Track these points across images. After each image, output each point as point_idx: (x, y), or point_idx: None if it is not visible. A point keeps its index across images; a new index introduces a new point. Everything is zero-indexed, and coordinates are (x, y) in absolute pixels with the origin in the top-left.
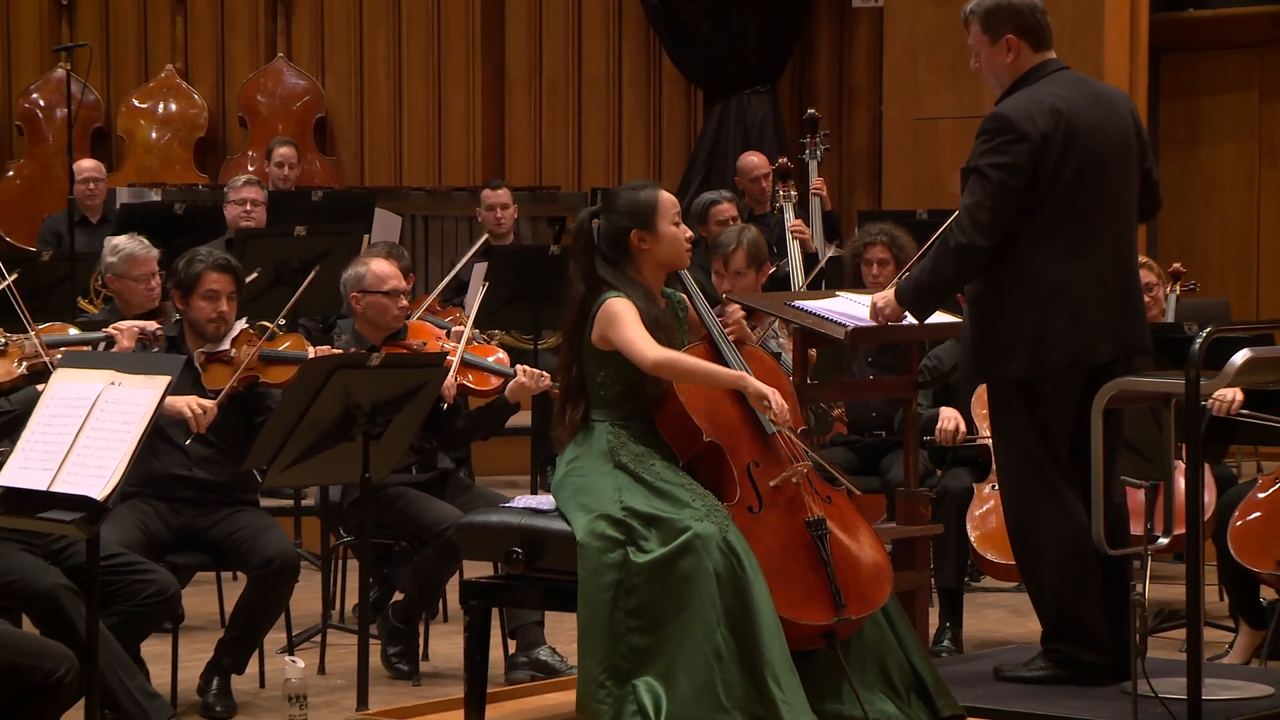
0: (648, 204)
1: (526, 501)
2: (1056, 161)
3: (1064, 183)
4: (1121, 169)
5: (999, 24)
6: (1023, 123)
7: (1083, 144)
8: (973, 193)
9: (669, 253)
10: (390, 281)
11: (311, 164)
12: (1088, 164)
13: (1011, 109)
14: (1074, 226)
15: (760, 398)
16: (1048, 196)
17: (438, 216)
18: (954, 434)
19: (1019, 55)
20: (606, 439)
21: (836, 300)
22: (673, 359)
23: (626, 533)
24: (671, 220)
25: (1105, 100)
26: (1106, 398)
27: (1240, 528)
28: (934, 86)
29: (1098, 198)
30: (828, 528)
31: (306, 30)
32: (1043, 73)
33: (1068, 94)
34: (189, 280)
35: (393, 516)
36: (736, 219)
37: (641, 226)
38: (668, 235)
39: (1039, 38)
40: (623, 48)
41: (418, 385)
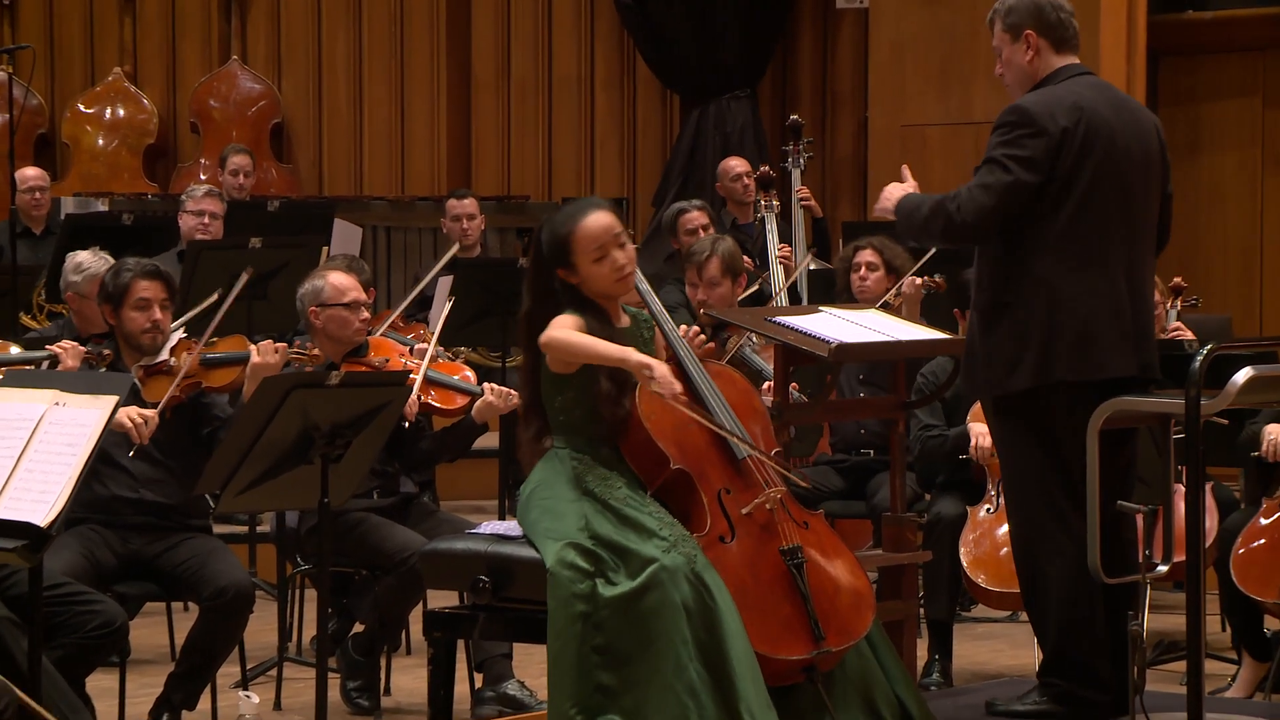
0: (563, 240)
1: (494, 528)
2: (1074, 162)
3: (1081, 186)
4: (1143, 183)
5: (1019, 19)
6: (1042, 117)
7: (1103, 147)
8: (983, 176)
9: (598, 287)
10: (350, 293)
11: (267, 172)
12: (1107, 169)
13: (1031, 102)
14: (1088, 236)
15: (642, 367)
16: (1063, 200)
17: (400, 228)
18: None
19: (1039, 55)
20: (571, 464)
21: (820, 316)
22: (561, 336)
23: (596, 563)
24: (593, 255)
25: (1130, 110)
26: (1103, 418)
27: (1244, 555)
28: (922, 91)
29: (1115, 208)
30: (804, 556)
31: (262, 31)
32: (1064, 76)
33: (1091, 95)
34: (118, 292)
35: (352, 544)
36: (709, 228)
37: (562, 265)
38: (589, 273)
39: (1061, 38)
40: (595, 49)
41: (379, 405)
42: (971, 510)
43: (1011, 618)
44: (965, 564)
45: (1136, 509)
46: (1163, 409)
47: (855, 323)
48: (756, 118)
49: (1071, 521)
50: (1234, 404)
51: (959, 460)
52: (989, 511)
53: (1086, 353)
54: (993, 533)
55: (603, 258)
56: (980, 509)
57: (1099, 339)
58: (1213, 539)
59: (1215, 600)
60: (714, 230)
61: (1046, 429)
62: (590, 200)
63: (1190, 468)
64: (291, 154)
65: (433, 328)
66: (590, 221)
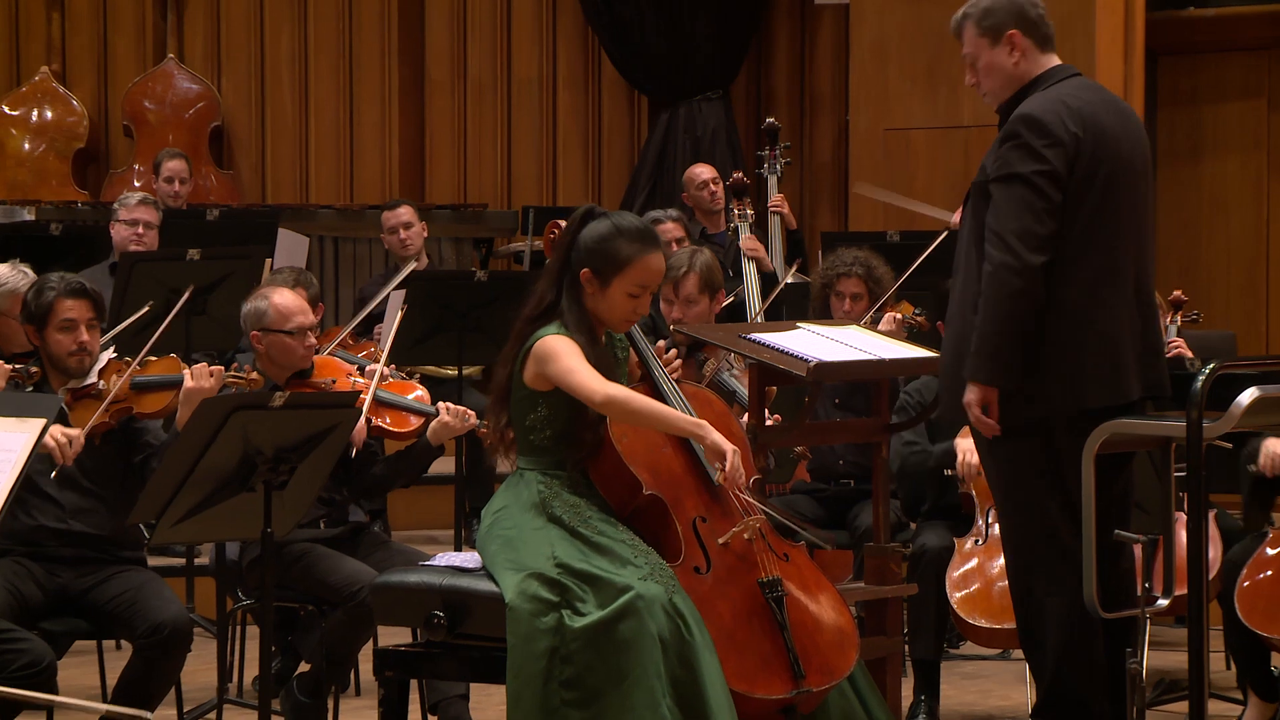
0: (619, 258)
1: (449, 559)
2: (1086, 173)
3: (1093, 198)
4: (1144, 190)
5: (999, 21)
6: (1055, 125)
7: (1109, 155)
8: (1014, 204)
9: (607, 313)
10: (296, 318)
11: (206, 178)
12: (1114, 178)
13: (1040, 109)
14: (1101, 249)
15: (719, 454)
16: (1075, 214)
17: (349, 238)
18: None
19: (1025, 56)
20: (537, 489)
21: (797, 333)
22: (626, 396)
23: (561, 594)
24: (633, 290)
25: (1125, 113)
26: (1099, 441)
27: (1249, 588)
28: (906, 93)
29: (1122, 218)
30: (784, 589)
31: (200, 28)
32: (1055, 78)
33: (1089, 99)
34: (41, 311)
35: (298, 576)
36: (684, 240)
37: (596, 273)
38: (613, 300)
39: (1044, 36)
40: (557, 47)
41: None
42: (958, 542)
43: (1002, 656)
44: (953, 599)
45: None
46: (1163, 432)
47: (835, 340)
48: (730, 121)
49: (1073, 552)
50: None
51: (943, 479)
52: (977, 543)
53: (1111, 377)
54: (983, 566)
55: (636, 296)
56: (968, 540)
57: (1121, 361)
58: (1216, 571)
59: (1219, 636)
60: (688, 243)
61: (1047, 454)
62: (657, 234)
63: (1192, 495)
64: (232, 159)
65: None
66: (655, 261)
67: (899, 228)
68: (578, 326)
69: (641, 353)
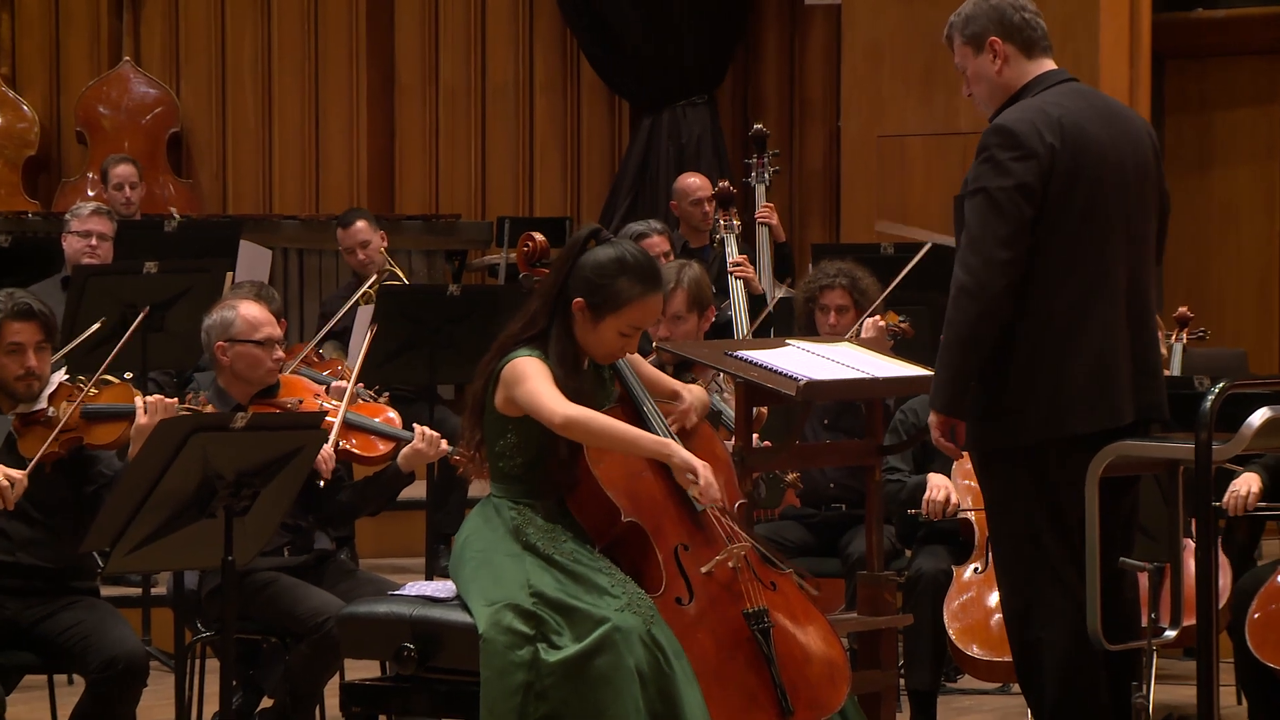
0: (616, 297)
1: (420, 588)
2: (1065, 184)
3: (1075, 210)
4: (1139, 200)
5: (979, 28)
6: (1028, 136)
7: (1093, 165)
8: (978, 221)
9: (594, 346)
10: (264, 329)
11: (164, 188)
12: (1099, 188)
13: (1013, 120)
14: (1087, 263)
15: (686, 470)
16: (1057, 226)
17: (314, 250)
18: (944, 505)
19: (1007, 63)
20: (509, 516)
21: (787, 350)
22: (587, 416)
23: (537, 626)
24: (624, 329)
25: (1120, 118)
26: (1103, 464)
27: (1260, 619)
28: (900, 98)
29: (1111, 229)
30: (771, 620)
31: (158, 29)
32: (1043, 85)
33: (1075, 106)
34: None
35: (260, 607)
36: (670, 255)
37: (590, 306)
38: (605, 336)
39: (1029, 40)
40: (534, 50)
41: (291, 451)
42: (957, 570)
43: (1002, 690)
44: (951, 631)
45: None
46: (1170, 455)
47: (826, 357)
48: (716, 127)
49: (1071, 582)
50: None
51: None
52: (976, 571)
53: (1102, 399)
54: (981, 596)
55: (626, 336)
56: (966, 568)
57: (1113, 381)
58: (1226, 601)
59: (1229, 669)
60: (674, 257)
61: (1041, 480)
62: (662, 274)
63: (1201, 520)
64: (191, 168)
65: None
66: (654, 303)
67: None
68: (560, 357)
69: (620, 371)
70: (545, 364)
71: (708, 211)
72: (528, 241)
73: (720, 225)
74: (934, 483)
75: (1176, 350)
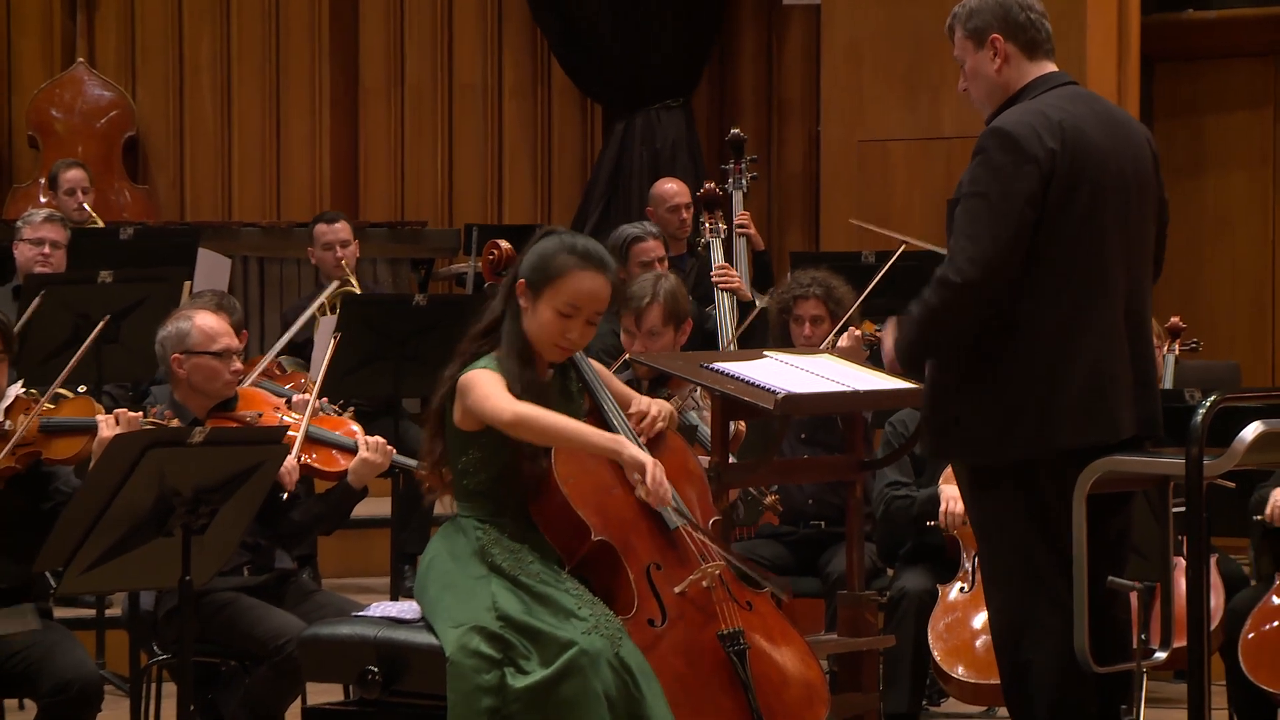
0: (548, 268)
1: (384, 609)
2: (1064, 189)
3: (1073, 217)
4: (1138, 209)
5: (982, 23)
6: (1028, 140)
7: (1093, 170)
8: (973, 221)
9: (536, 332)
10: (221, 339)
11: (120, 194)
12: (1099, 194)
13: (1013, 123)
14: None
15: (634, 468)
16: (1055, 232)
17: (275, 259)
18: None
19: (1007, 62)
20: (475, 536)
21: (764, 363)
22: (537, 413)
23: (504, 650)
24: (562, 308)
25: (1121, 125)
26: (1091, 480)
27: (1254, 640)
28: (882, 100)
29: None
30: (747, 641)
31: (112, 29)
32: (1043, 87)
33: (1075, 110)
34: None
35: (219, 628)
36: (664, 262)
37: (530, 284)
38: (544, 317)
39: (1032, 41)
40: (503, 52)
41: (251, 467)
42: (942, 589)
43: (987, 714)
44: (936, 652)
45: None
46: (1160, 470)
47: (805, 370)
48: (691, 131)
49: (1059, 599)
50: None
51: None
52: (962, 590)
53: (1095, 413)
54: (967, 616)
55: (568, 318)
56: (952, 588)
57: (1107, 395)
58: (1218, 621)
59: (1221, 692)
60: (666, 263)
61: (1033, 496)
62: (604, 258)
63: (1192, 538)
64: (148, 173)
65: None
66: (589, 280)
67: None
68: (510, 347)
69: (588, 382)
70: (500, 374)
71: (685, 219)
72: (493, 249)
73: (705, 229)
74: (949, 494)
75: (1168, 362)
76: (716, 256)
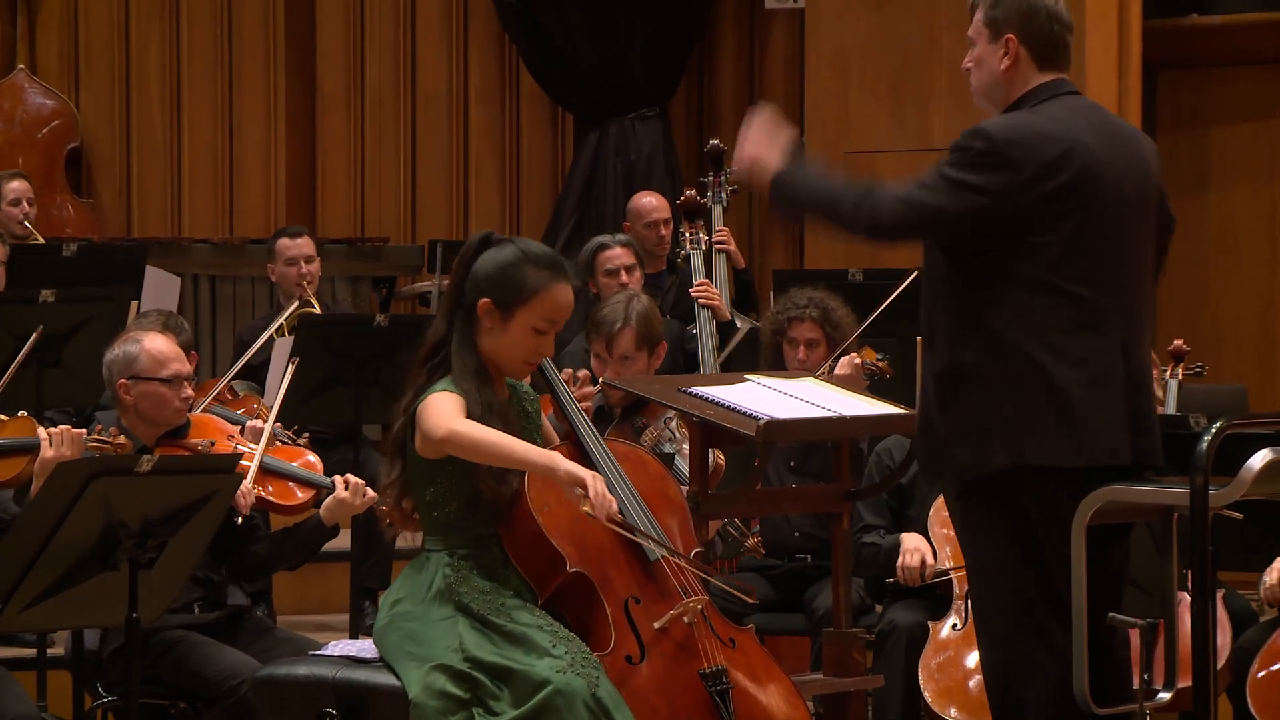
0: (522, 287)
1: (343, 648)
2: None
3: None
4: (1137, 229)
5: (1003, 16)
6: (1009, 147)
7: (1091, 190)
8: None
9: (506, 351)
10: (172, 365)
11: (63, 208)
12: (1095, 211)
13: (999, 127)
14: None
15: (573, 483)
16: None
17: (228, 277)
18: (920, 570)
19: (1016, 65)
20: (443, 573)
21: (745, 387)
22: (470, 428)
23: (472, 690)
24: (538, 324)
25: (1125, 140)
26: (1089, 512)
27: (1263, 680)
28: (869, 111)
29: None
30: (730, 680)
31: (55, 34)
32: (1043, 95)
33: (1078, 123)
34: None
35: (168, 669)
36: (633, 270)
37: (498, 304)
38: (517, 336)
39: (1048, 52)
40: (469, 58)
41: (203, 497)
42: (934, 626)
43: None
44: (927, 692)
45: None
46: (1163, 500)
47: (789, 394)
48: (668, 142)
49: (1055, 638)
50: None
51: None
52: (955, 628)
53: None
54: (960, 654)
55: (540, 334)
56: (944, 624)
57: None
58: (1225, 659)
59: None
60: (639, 274)
61: (1024, 523)
62: (567, 265)
63: (1197, 572)
64: (93, 186)
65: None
66: (563, 293)
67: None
68: (463, 368)
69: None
70: (458, 396)
71: (664, 235)
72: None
73: (686, 240)
74: (907, 546)
75: (1171, 387)
76: (698, 270)
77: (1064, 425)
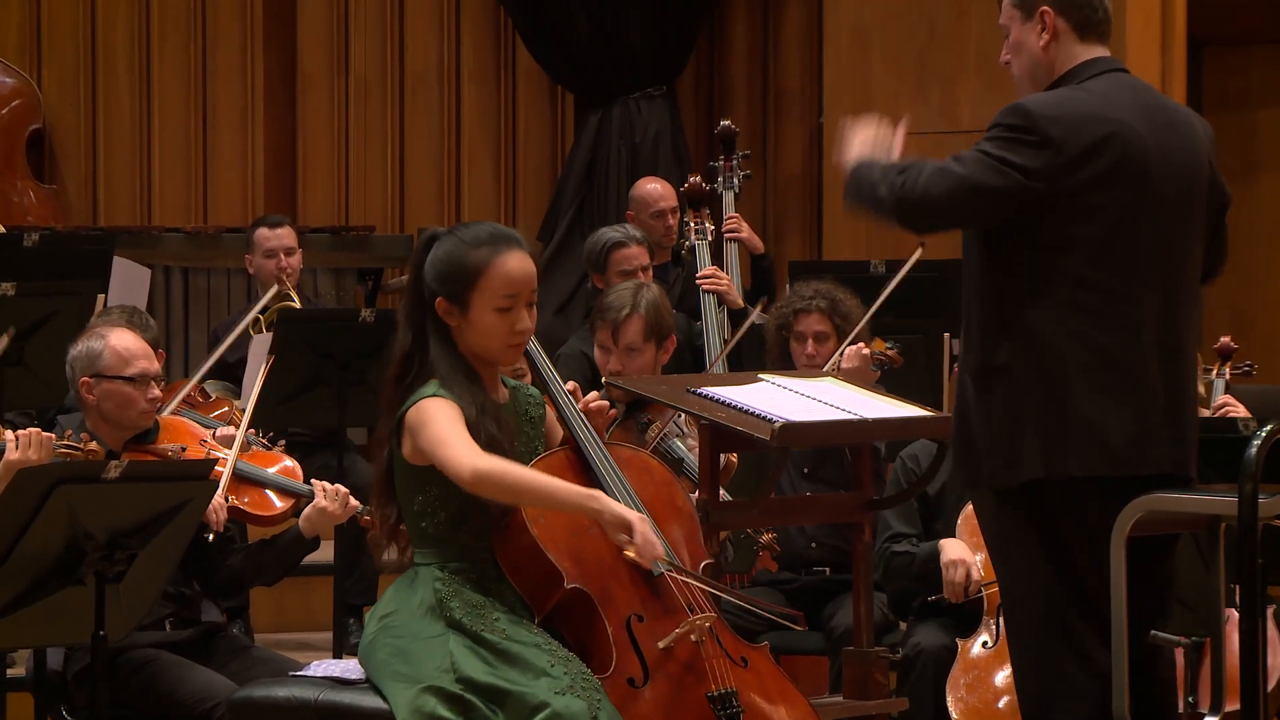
0: (469, 270)
1: (326, 668)
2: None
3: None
4: (1184, 218)
5: None
6: (1051, 124)
7: (1135, 174)
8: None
9: (482, 344)
10: (138, 363)
11: (24, 195)
12: (1138, 203)
13: (1039, 104)
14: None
15: (619, 527)
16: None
17: (202, 269)
18: (965, 585)
19: (1056, 40)
20: (434, 588)
21: (759, 387)
22: (501, 470)
23: (465, 712)
24: (500, 302)
25: (1174, 123)
26: (1130, 522)
27: None
28: (891, 90)
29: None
30: (741, 704)
31: (15, 8)
32: (1088, 73)
33: (1123, 102)
34: None
35: (138, 690)
36: (648, 270)
37: (450, 297)
38: (483, 324)
39: (1087, 20)
40: (461, 34)
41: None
42: (963, 644)
43: None
44: (955, 713)
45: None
46: (1210, 510)
47: (806, 395)
48: (675, 123)
49: (1093, 656)
50: None
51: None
52: (985, 646)
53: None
54: (990, 674)
55: (509, 310)
56: (974, 642)
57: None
58: (1276, 680)
59: None
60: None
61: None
62: (512, 233)
63: (1245, 587)
64: (56, 171)
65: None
66: (513, 260)
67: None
68: (452, 374)
69: (561, 408)
70: (453, 403)
71: (671, 225)
72: None
73: (691, 230)
74: (950, 556)
75: (1218, 387)
76: (703, 262)
77: (1096, 436)
